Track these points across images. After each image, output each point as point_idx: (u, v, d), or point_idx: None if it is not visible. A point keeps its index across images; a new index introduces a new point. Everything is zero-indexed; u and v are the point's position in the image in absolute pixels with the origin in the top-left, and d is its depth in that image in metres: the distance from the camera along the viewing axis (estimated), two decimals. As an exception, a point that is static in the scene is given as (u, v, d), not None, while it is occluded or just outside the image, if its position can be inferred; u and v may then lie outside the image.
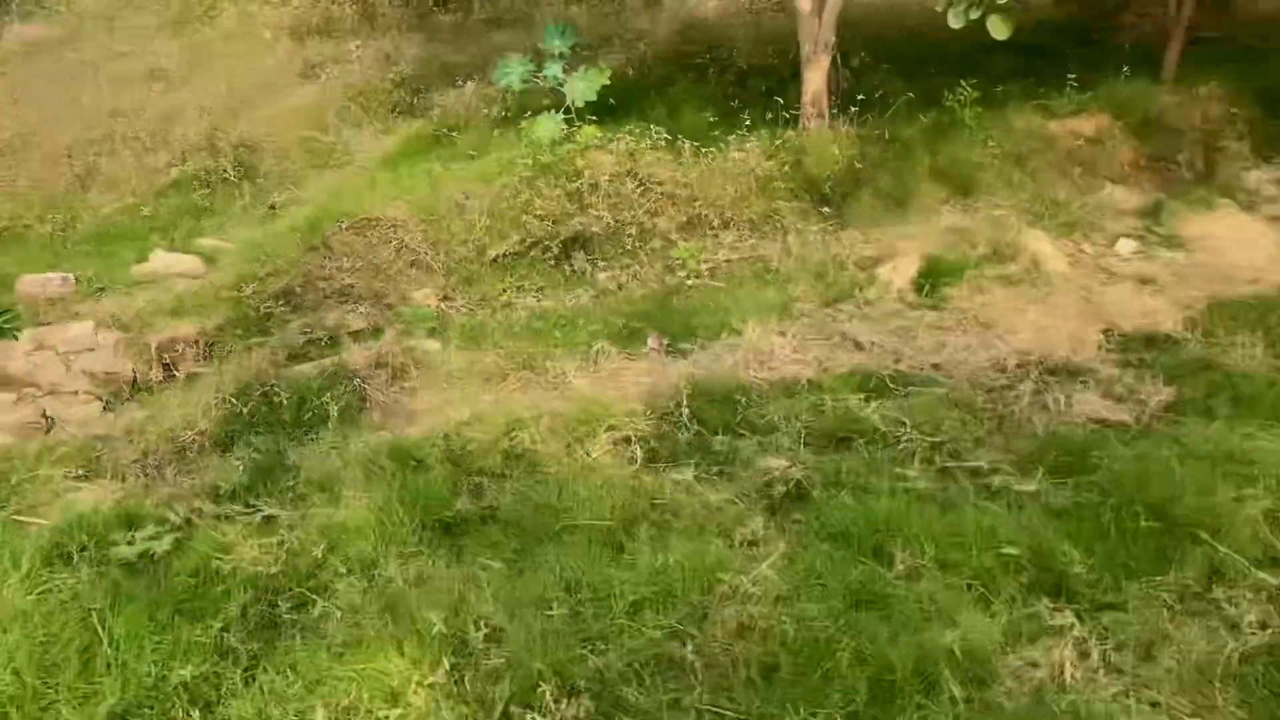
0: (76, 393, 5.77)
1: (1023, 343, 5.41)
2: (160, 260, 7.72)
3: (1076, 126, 8.70)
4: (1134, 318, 5.78)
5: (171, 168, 10.56)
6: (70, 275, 7.22)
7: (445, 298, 6.88)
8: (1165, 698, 2.97)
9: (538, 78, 9.29)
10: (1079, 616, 3.31)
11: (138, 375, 5.92)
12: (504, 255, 7.21)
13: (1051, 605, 3.39)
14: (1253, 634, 3.21)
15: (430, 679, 3.14)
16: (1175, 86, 8.86)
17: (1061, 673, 3.07)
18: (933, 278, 6.36)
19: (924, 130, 8.32)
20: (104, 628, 3.44)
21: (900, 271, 6.43)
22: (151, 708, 3.19)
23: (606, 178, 7.44)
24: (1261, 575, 3.49)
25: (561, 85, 9.07)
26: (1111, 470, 4.07)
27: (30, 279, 7.09)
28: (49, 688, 3.28)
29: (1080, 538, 3.68)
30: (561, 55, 9.30)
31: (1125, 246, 7.05)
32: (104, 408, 5.62)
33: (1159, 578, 3.48)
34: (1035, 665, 3.13)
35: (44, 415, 5.45)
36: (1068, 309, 5.88)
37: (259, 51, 12.90)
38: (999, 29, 7.05)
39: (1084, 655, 3.15)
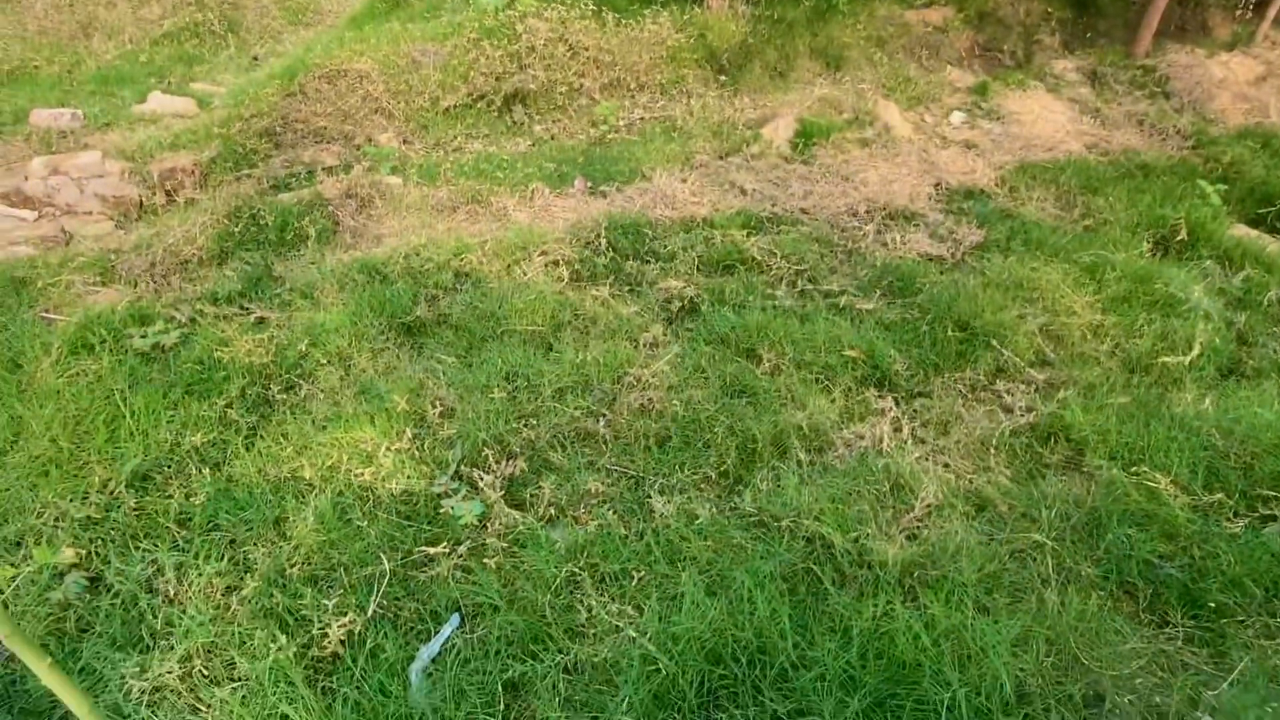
0: (90, 213, 5.37)
1: (871, 192, 5.39)
2: (157, 101, 7.08)
3: (927, 16, 8.45)
4: (958, 175, 5.79)
5: (164, 20, 9.56)
6: (78, 111, 6.59)
7: (405, 140, 6.50)
8: (954, 461, 3.15)
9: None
10: (896, 402, 3.45)
11: (143, 199, 5.52)
12: (455, 106, 6.80)
13: (877, 394, 3.52)
14: (1021, 416, 3.39)
15: (397, 445, 3.14)
16: (1008, -14, 8.61)
17: (880, 442, 3.21)
18: (805, 138, 6.23)
19: (806, 13, 7.96)
20: (125, 404, 3.33)
21: (780, 132, 6.28)
22: (169, 466, 3.14)
23: (542, 42, 6.98)
24: (1032, 372, 3.65)
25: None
26: (930, 293, 4.16)
27: (42, 112, 6.45)
28: (82, 451, 3.20)
29: (903, 344, 3.79)
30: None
31: (957, 118, 6.99)
32: (115, 226, 5.26)
33: (958, 374, 3.62)
34: (861, 437, 3.26)
35: (63, 230, 5.08)
36: (909, 166, 5.86)
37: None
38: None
39: (898, 430, 3.30)
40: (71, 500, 2.98)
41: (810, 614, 2.49)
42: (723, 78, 7.47)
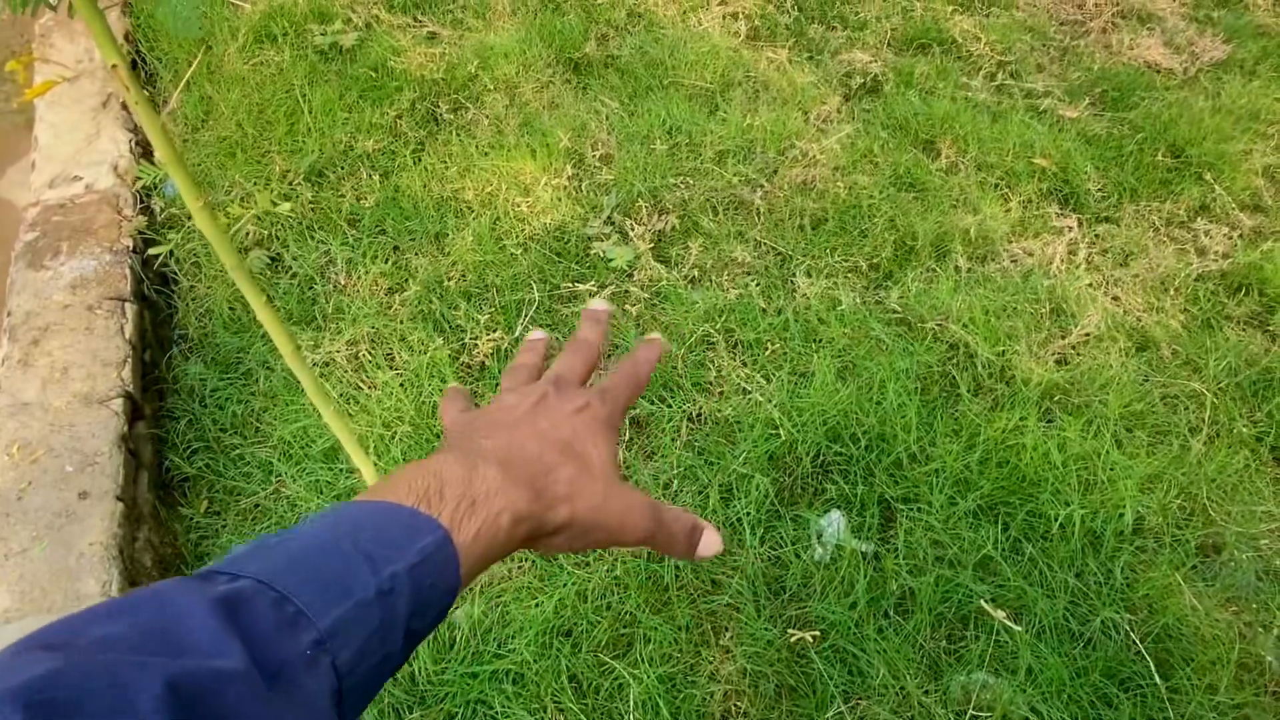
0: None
1: (1107, -17, 4.71)
2: None
3: None
4: (1218, -25, 4.96)
5: None
6: None
7: None
8: (1126, 295, 2.98)
9: None
10: (1080, 223, 3.22)
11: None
12: None
13: (1059, 211, 3.29)
14: (1214, 260, 3.13)
15: (555, 181, 3.20)
16: None
17: (1051, 263, 3.05)
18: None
19: None
20: (304, 100, 3.48)
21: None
22: (343, 167, 3.31)
23: None
24: (1240, 216, 3.32)
25: None
26: (1148, 109, 3.72)
27: None
28: (264, 139, 3.40)
29: (1102, 161, 3.47)
30: None
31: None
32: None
33: (1156, 204, 3.33)
34: (1031, 254, 3.10)
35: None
36: (1159, -44, 5.04)
37: None
38: None
39: (1073, 253, 3.11)
40: (254, 183, 3.22)
41: (938, 415, 2.52)
42: None
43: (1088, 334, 2.79)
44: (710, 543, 0.60)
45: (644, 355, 0.69)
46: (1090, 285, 2.99)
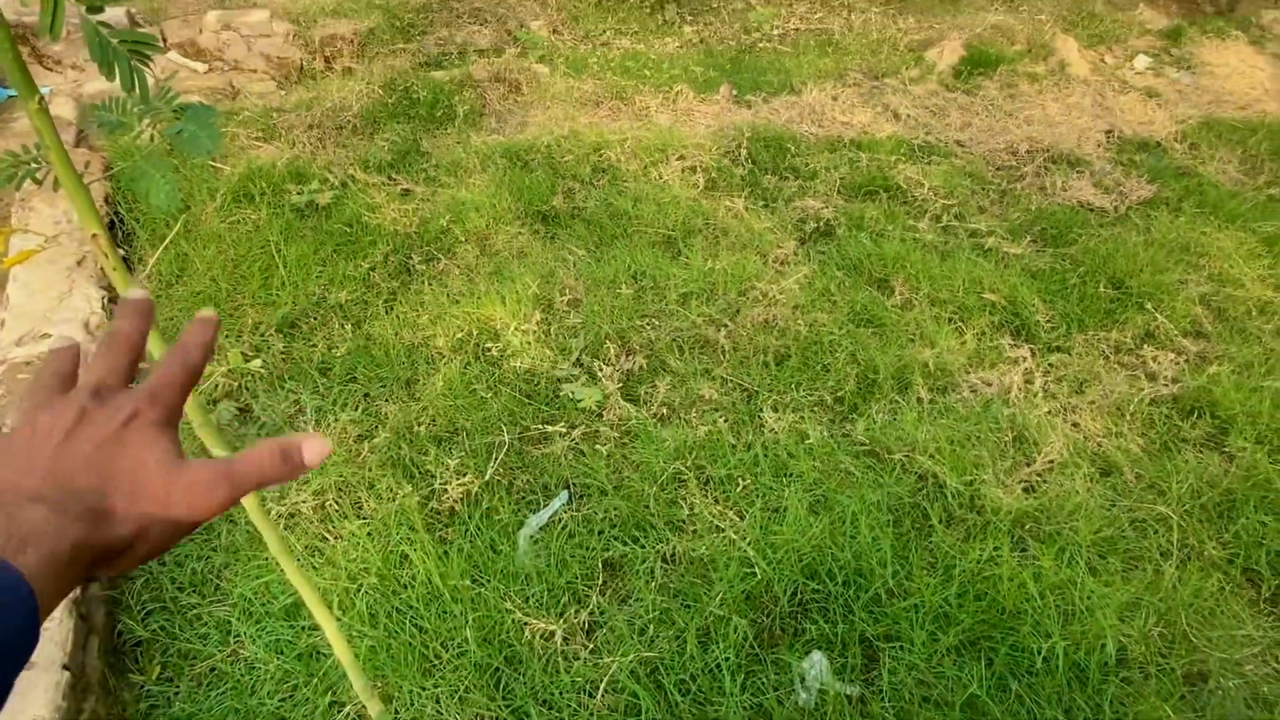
0: (255, 70, 5.62)
1: (1036, 132, 5.06)
2: (322, -33, 7.25)
3: (1127, -55, 7.69)
4: (1134, 124, 5.36)
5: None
6: (248, -30, 6.82)
7: (555, 30, 6.47)
8: (1085, 421, 3.03)
9: None
10: (1032, 353, 3.31)
11: (303, 63, 5.72)
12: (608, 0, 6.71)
13: (1012, 342, 3.39)
14: (1165, 385, 3.21)
15: (524, 326, 3.25)
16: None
17: (1009, 392, 3.11)
18: (971, 66, 5.86)
19: (991, -69, 7.39)
20: (279, 255, 3.55)
21: (944, 57, 5.92)
22: (315, 318, 3.35)
23: (704, -61, 6.75)
24: (1184, 342, 3.44)
25: None
26: (1086, 245, 3.92)
27: (216, -32, 6.73)
28: (239, 293, 3.44)
29: (1048, 294, 3.61)
30: None
31: (1141, 62, 6.41)
32: (277, 85, 5.49)
33: (1103, 333, 3.45)
34: (989, 384, 3.17)
35: (230, 85, 5.35)
36: (1081, 109, 5.45)
37: None
38: None
39: (1029, 382, 3.19)
40: (227, 336, 3.24)
41: (913, 548, 2.49)
42: (889, -6, 7.08)
43: (1051, 461, 2.82)
44: (312, 450, 0.57)
45: (194, 339, 0.60)
46: (1049, 413, 3.04)
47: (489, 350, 3.16)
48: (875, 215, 4.12)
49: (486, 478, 2.68)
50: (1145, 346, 3.41)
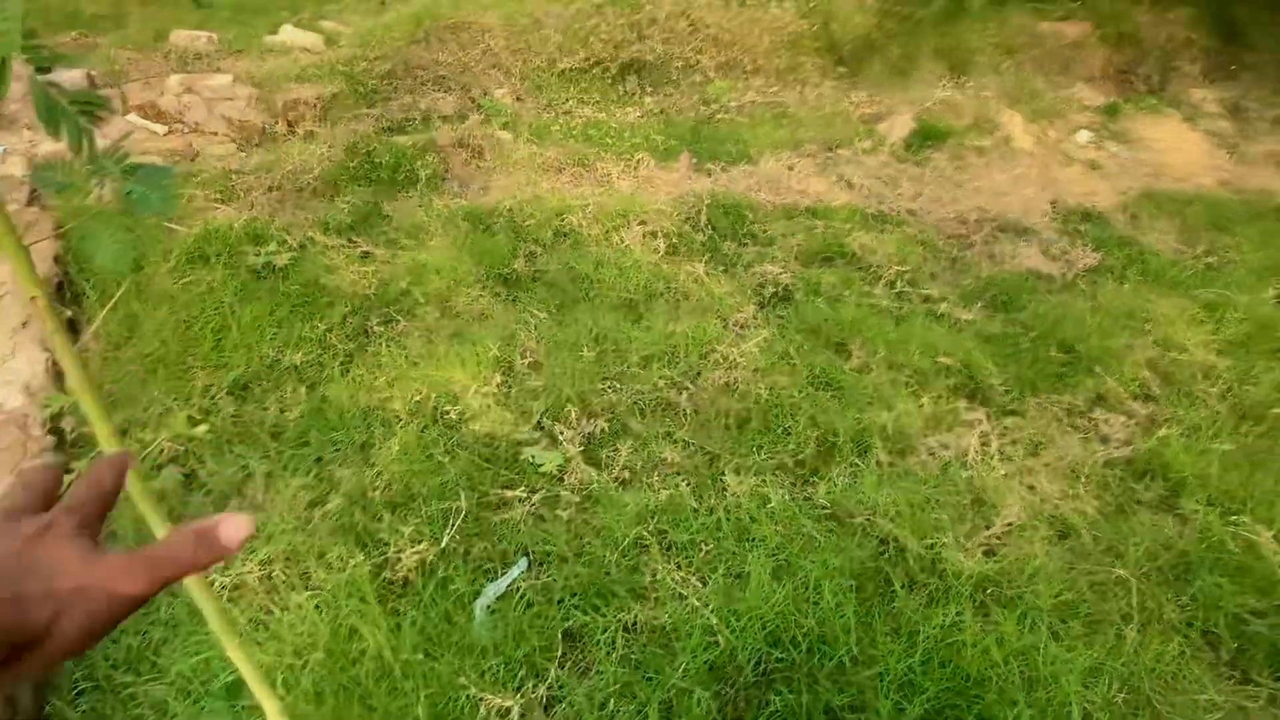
0: (215, 133, 5.61)
1: (984, 202, 5.23)
2: (288, 34, 7.32)
3: (1062, 30, 8.11)
4: (1078, 195, 5.57)
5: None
6: (214, 35, 6.87)
7: (519, 98, 6.58)
8: (1041, 484, 3.05)
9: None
10: (988, 417, 3.35)
11: (265, 126, 5.73)
12: (570, 69, 6.85)
13: (968, 405, 3.43)
14: (1117, 448, 3.26)
15: (485, 389, 3.21)
16: (1150, 8, 8.22)
17: (966, 455, 3.13)
18: (921, 138, 6.07)
19: (936, 14, 7.75)
20: (233, 316, 3.48)
21: (895, 130, 6.13)
22: (268, 380, 3.27)
23: (664, 14, 6.97)
24: (1134, 405, 3.51)
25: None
26: (1035, 311, 4.02)
27: (181, 33, 6.76)
28: (189, 355, 3.36)
29: (1001, 358, 3.68)
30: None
31: (1083, 136, 6.71)
32: (238, 148, 5.48)
33: (1055, 396, 3.51)
34: (946, 447, 3.19)
35: (190, 146, 5.32)
36: (1026, 180, 5.66)
37: None
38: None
39: (985, 445, 3.21)
40: (175, 399, 3.14)
41: (876, 613, 2.46)
42: (841, 69, 7.34)
43: (1010, 524, 2.82)
44: (229, 531, 0.58)
45: (107, 463, 0.64)
46: (1006, 475, 3.06)
47: (447, 413, 3.10)
48: (832, 281, 4.19)
49: (443, 545, 2.60)
50: (1096, 409, 3.47)
